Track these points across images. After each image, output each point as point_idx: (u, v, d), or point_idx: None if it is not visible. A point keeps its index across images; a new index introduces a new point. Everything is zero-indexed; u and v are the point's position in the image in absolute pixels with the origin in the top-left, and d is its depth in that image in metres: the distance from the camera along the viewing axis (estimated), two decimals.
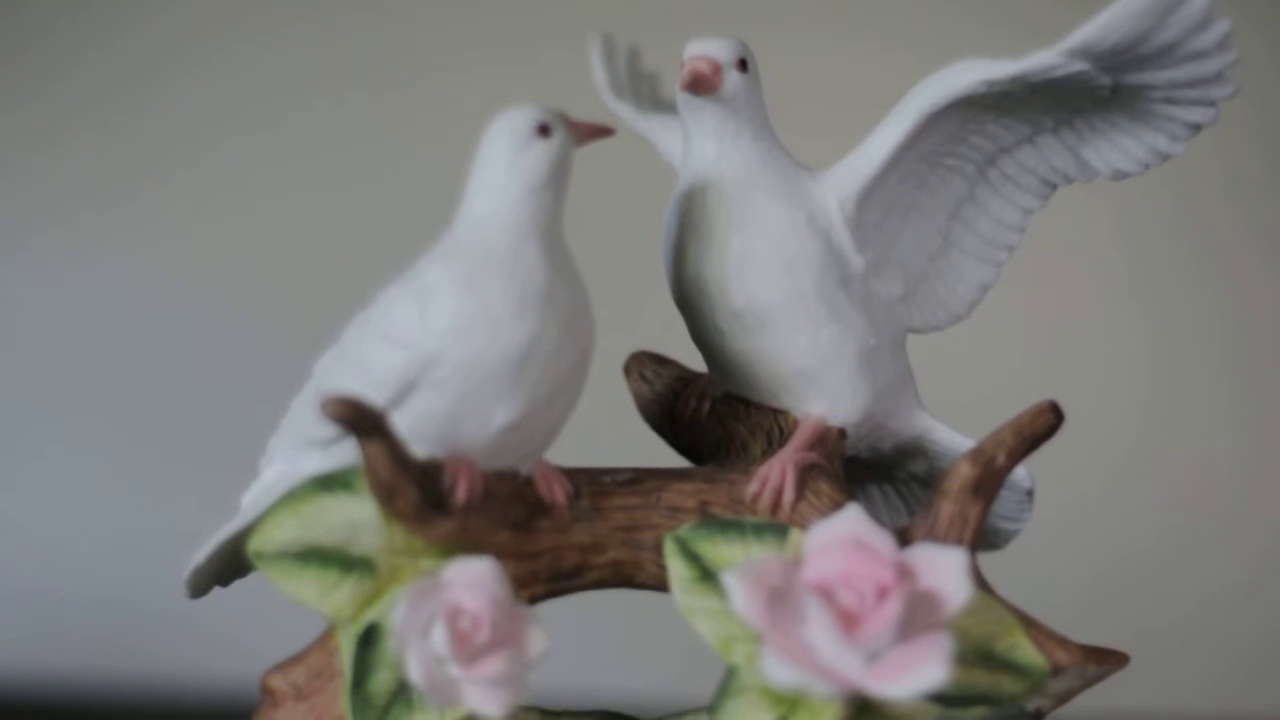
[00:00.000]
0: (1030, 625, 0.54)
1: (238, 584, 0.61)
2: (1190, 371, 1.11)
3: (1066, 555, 1.05)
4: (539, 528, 0.55)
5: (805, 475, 0.56)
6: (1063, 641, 0.54)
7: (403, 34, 1.12)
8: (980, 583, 0.54)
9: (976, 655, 0.52)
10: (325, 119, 1.11)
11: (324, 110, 1.11)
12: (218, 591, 0.61)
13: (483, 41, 1.10)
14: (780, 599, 0.50)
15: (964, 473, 0.55)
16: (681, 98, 0.59)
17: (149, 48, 1.12)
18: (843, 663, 0.49)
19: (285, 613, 0.55)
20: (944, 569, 0.50)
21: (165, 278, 1.11)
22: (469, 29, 1.12)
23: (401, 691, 0.53)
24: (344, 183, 1.11)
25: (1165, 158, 0.58)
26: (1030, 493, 0.61)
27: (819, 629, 0.49)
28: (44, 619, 1.08)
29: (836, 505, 0.55)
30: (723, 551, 0.53)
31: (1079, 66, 0.55)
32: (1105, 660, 0.54)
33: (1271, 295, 1.11)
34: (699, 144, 0.59)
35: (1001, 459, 0.55)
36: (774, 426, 0.59)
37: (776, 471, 0.56)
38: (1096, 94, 0.56)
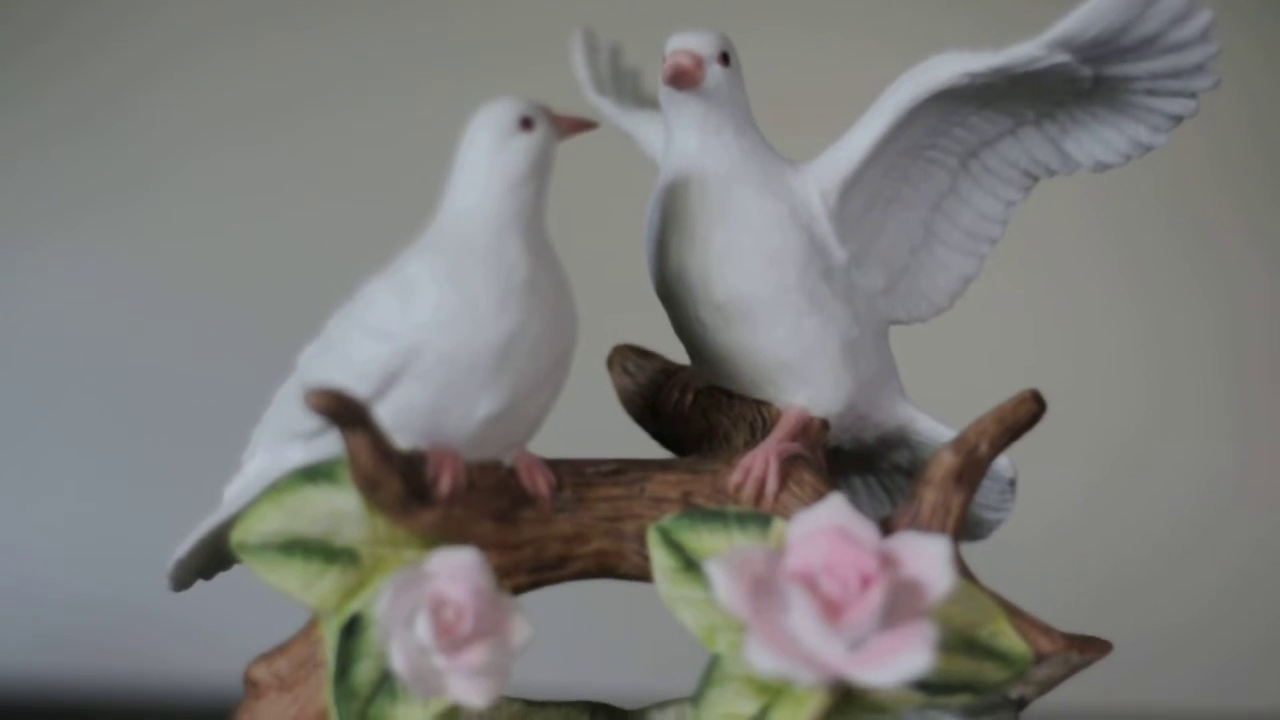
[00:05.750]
0: (1013, 613, 0.54)
1: (222, 581, 0.61)
2: (1184, 368, 1.11)
3: (1062, 554, 1.05)
4: (522, 518, 0.55)
5: (788, 465, 0.56)
6: (1045, 629, 0.54)
7: (394, 37, 1.12)
8: (963, 571, 0.55)
9: (959, 643, 0.52)
10: (320, 122, 1.11)
11: (319, 113, 1.11)
12: (203, 588, 0.61)
13: (470, 44, 1.11)
14: (763, 588, 0.50)
15: (947, 461, 0.55)
16: (664, 92, 0.59)
17: (145, 53, 1.12)
18: (826, 651, 0.49)
19: (270, 609, 0.55)
20: (927, 557, 0.50)
21: (158, 278, 1.11)
22: (455, 33, 1.12)
23: (385, 681, 0.52)
24: (338, 184, 1.11)
25: (1147, 149, 0.58)
26: (1013, 482, 0.61)
27: (802, 617, 0.49)
28: (27, 618, 1.08)
29: (819, 495, 0.55)
30: (706, 541, 0.53)
31: (1060, 58, 0.55)
32: (1088, 648, 0.54)
33: (1264, 293, 1.11)
34: (681, 138, 0.59)
35: (984, 448, 0.55)
36: (757, 417, 0.59)
37: (759, 461, 0.56)
38: (1078, 86, 0.57)
